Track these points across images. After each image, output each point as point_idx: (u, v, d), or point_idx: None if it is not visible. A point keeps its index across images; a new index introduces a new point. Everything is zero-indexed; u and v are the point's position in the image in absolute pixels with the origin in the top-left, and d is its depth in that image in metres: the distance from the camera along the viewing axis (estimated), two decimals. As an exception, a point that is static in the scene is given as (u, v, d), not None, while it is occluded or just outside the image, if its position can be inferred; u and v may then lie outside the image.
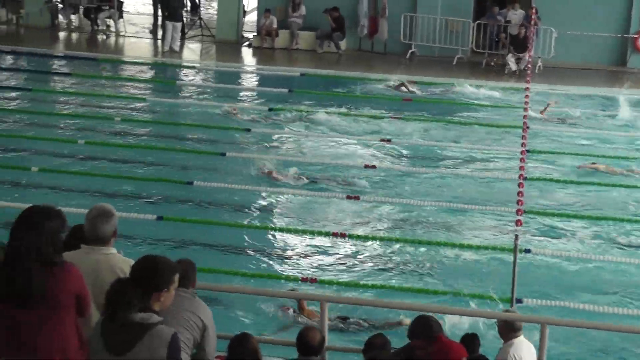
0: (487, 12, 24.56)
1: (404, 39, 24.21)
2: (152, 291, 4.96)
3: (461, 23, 23.76)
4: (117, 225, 5.68)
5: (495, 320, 7.87)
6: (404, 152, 16.73)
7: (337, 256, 12.24)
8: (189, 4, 28.41)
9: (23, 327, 4.74)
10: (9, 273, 4.69)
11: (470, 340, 7.38)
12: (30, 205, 4.96)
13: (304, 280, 11.23)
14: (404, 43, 24.26)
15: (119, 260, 5.54)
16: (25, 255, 4.69)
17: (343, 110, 19.14)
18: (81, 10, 26.19)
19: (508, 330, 7.26)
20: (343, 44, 24.49)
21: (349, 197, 14.13)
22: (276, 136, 17.29)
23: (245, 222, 13.12)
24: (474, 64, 23.60)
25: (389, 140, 17.11)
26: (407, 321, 8.91)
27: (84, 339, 5.00)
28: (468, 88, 21.02)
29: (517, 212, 10.29)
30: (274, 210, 13.74)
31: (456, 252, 12.41)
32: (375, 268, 11.92)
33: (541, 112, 18.82)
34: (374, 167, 15.63)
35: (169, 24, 24.01)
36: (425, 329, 6.83)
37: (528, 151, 14.80)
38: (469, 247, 12.46)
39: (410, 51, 24.25)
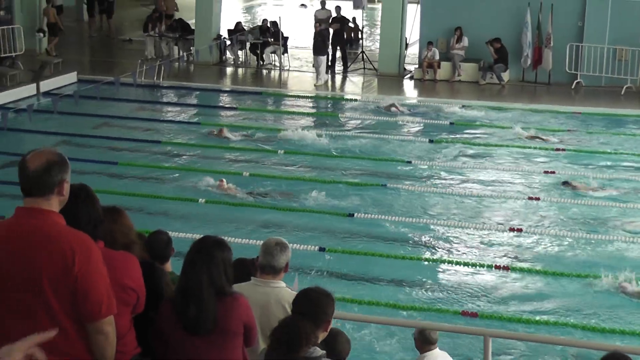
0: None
1: (570, 69, 23.70)
2: (320, 324, 5.04)
3: (630, 51, 23.04)
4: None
5: None
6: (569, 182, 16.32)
7: (499, 289, 12.03)
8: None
9: (195, 353, 4.91)
10: (184, 302, 4.88)
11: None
12: (203, 236, 5.14)
13: (465, 314, 11.10)
14: (569, 73, 23.74)
15: (287, 294, 5.66)
16: (199, 285, 4.86)
17: (505, 142, 18.92)
18: (248, 46, 27.05)
19: (423, 342, 7.21)
20: (506, 75, 24.20)
21: (511, 230, 13.93)
22: (436, 168, 17.21)
23: (406, 254, 13.10)
24: (644, 94, 22.84)
25: (553, 172, 16.78)
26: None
27: (250, 368, 5.13)
28: (457, 109, 21.29)
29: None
30: (435, 242, 13.65)
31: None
32: (539, 302, 11.65)
33: (530, 135, 19.00)
34: (537, 199, 15.33)
35: (315, 58, 24.58)
36: None
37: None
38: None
39: (575, 81, 23.70)
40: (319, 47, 24.49)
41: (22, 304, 4.15)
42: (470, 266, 12.66)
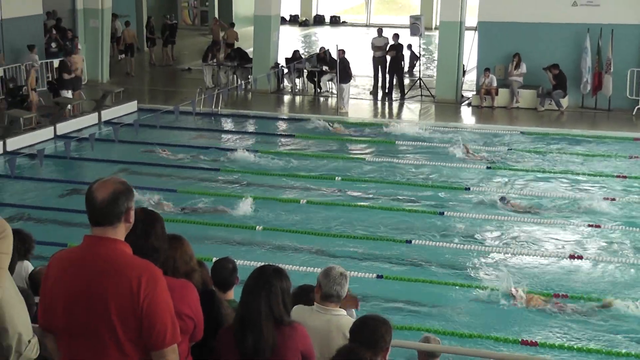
0: None
1: (630, 95, 23.42)
2: (379, 351, 5.06)
3: (692, 76, 22.71)
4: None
5: None
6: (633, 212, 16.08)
7: (559, 317, 11.86)
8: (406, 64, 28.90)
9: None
10: (242, 331, 4.91)
11: None
12: (262, 265, 5.18)
13: (524, 343, 10.98)
14: (630, 99, 23.46)
15: (347, 322, 5.68)
16: (257, 314, 4.89)
17: (565, 169, 18.75)
18: (305, 74, 27.24)
19: (426, 355, 7.28)
20: (565, 101, 23.98)
21: (572, 257, 13.77)
22: (495, 195, 17.06)
23: (464, 282, 13.00)
24: None
25: (613, 199, 16.55)
26: None
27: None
28: (399, 127, 21.93)
29: None
30: (492, 269, 13.53)
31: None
32: (599, 331, 11.46)
33: (467, 153, 19.44)
34: (598, 226, 15.12)
35: (340, 85, 24.77)
36: None
37: None
38: None
39: (637, 107, 23.39)
40: (342, 75, 24.63)
41: (90, 331, 4.23)
42: (529, 294, 12.50)
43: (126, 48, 30.37)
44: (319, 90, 26.88)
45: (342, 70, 24.59)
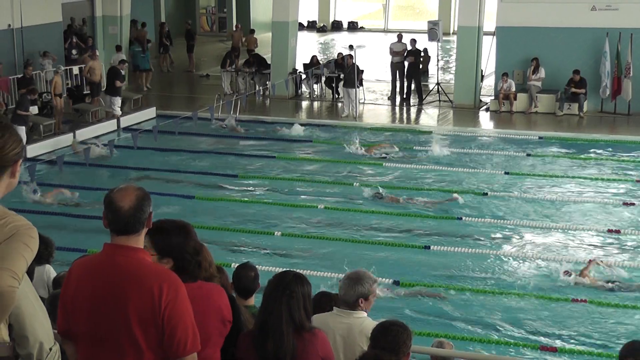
0: None
1: (649, 99, 23.32)
2: (401, 356, 5.08)
3: None
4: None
5: None
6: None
7: (578, 323, 11.83)
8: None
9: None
10: (262, 336, 4.93)
11: None
12: (282, 270, 5.20)
13: (543, 349, 10.94)
14: (649, 103, 23.36)
15: (369, 324, 5.70)
16: (278, 320, 4.90)
17: (585, 173, 18.67)
18: (323, 80, 27.25)
19: None
20: (584, 106, 23.88)
21: (590, 262, 13.70)
22: (513, 200, 17.03)
23: (481, 287, 12.97)
24: None
25: (632, 204, 16.48)
26: None
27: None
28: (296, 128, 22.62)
29: None
30: (511, 275, 13.50)
31: None
32: (621, 337, 11.41)
33: (367, 150, 20.47)
34: (618, 231, 15.06)
35: (345, 91, 24.73)
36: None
37: None
38: None
39: (656, 111, 23.30)
40: (351, 80, 24.60)
41: (111, 338, 4.25)
42: (546, 300, 12.47)
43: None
44: (336, 96, 26.88)
45: (351, 75, 24.56)
